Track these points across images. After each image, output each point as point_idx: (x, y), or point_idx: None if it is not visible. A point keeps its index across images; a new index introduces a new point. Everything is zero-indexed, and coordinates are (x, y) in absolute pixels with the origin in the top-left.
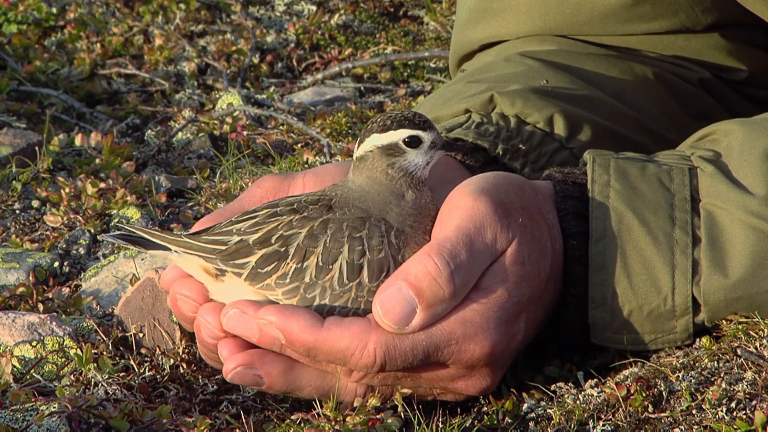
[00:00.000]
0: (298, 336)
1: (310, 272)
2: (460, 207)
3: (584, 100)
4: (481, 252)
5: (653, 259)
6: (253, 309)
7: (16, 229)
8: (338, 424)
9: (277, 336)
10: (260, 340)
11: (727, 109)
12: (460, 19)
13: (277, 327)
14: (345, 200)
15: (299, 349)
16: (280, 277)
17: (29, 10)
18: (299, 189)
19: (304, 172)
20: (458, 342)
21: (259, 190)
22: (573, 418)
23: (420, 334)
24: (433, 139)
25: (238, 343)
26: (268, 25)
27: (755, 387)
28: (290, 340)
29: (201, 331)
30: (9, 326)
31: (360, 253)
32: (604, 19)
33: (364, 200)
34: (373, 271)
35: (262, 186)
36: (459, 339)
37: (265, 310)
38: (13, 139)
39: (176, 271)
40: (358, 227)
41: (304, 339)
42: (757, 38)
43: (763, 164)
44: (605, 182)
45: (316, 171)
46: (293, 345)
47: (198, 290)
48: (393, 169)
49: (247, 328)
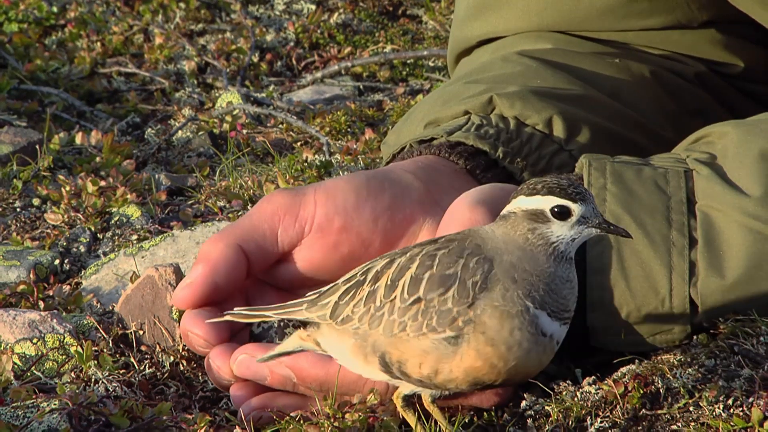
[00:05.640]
0: (309, 372)
1: (380, 293)
2: (458, 219)
3: (582, 100)
4: None
5: (650, 261)
6: (261, 352)
7: (16, 227)
8: (337, 422)
9: (287, 375)
10: (272, 381)
11: (722, 104)
12: (459, 16)
13: (287, 366)
14: (463, 237)
15: (311, 384)
16: (356, 305)
17: (30, 8)
18: (311, 206)
19: (314, 187)
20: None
21: (269, 206)
22: (571, 415)
23: None
24: (584, 214)
25: (250, 386)
26: (267, 24)
27: (752, 384)
28: (301, 376)
29: (212, 373)
30: (10, 324)
31: (427, 267)
32: (601, 15)
33: (485, 241)
34: (433, 283)
35: (273, 202)
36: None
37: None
38: (13, 137)
39: (188, 291)
40: (444, 247)
41: (315, 374)
42: (751, 34)
43: (758, 165)
44: (601, 186)
45: (327, 188)
46: (305, 381)
47: (206, 328)
48: (533, 235)
49: (257, 372)
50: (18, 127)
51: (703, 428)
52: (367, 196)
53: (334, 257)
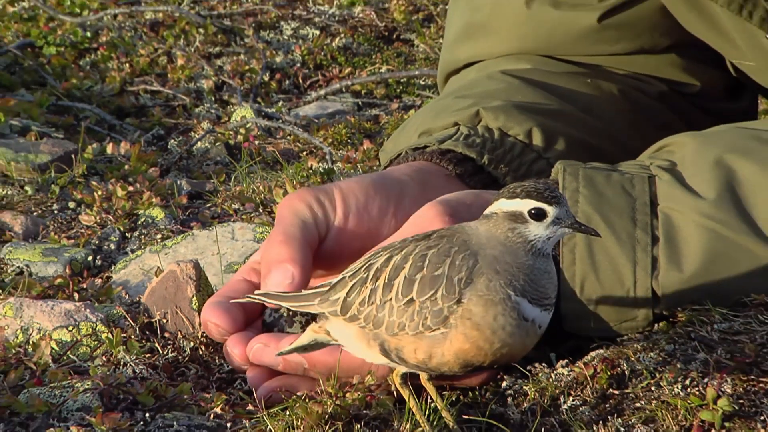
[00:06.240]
0: (319, 358)
1: (380, 292)
2: (418, 214)
3: (558, 114)
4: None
5: (617, 256)
6: (274, 341)
7: (54, 227)
8: (339, 400)
9: (300, 361)
10: (285, 367)
11: (682, 118)
12: (448, 40)
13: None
14: (452, 233)
15: (321, 369)
16: (361, 303)
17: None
18: (333, 204)
19: (332, 187)
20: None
21: (300, 203)
22: (546, 394)
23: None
24: (558, 215)
25: (264, 370)
26: (277, 47)
27: (707, 367)
28: (312, 362)
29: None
30: (48, 313)
31: (418, 268)
32: (575, 41)
33: (470, 237)
34: (424, 285)
35: (303, 200)
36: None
37: (286, 341)
38: (52, 147)
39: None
40: (434, 246)
41: (325, 360)
42: (708, 57)
43: (712, 172)
44: (575, 189)
45: (342, 189)
46: (315, 367)
47: (224, 318)
48: (513, 234)
49: (272, 359)
50: (56, 139)
51: (664, 406)
52: (374, 196)
53: (348, 251)
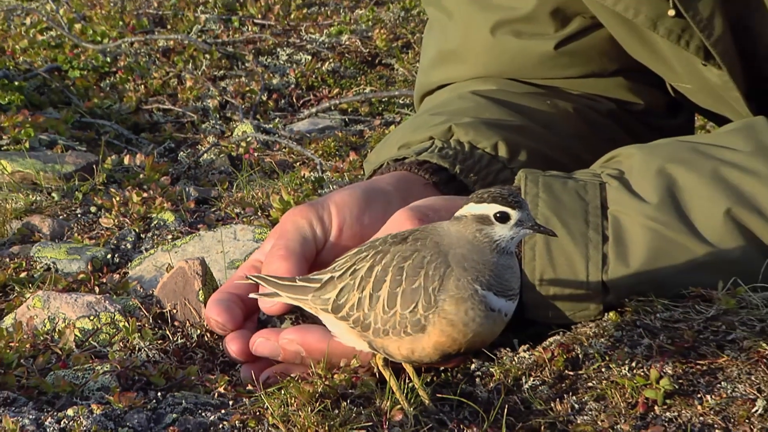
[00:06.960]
0: (316, 345)
1: (366, 303)
2: (392, 219)
3: (521, 130)
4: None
5: (572, 253)
6: (273, 336)
7: (77, 229)
8: (328, 380)
9: (297, 350)
10: (284, 357)
11: (629, 133)
12: (423, 66)
13: (297, 342)
14: (425, 233)
15: (317, 356)
16: (350, 308)
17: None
18: (329, 217)
19: (327, 200)
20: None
21: (300, 218)
22: (510, 375)
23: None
24: (520, 218)
25: (256, 366)
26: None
27: (651, 351)
28: (309, 350)
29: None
30: (72, 304)
31: (398, 282)
32: (534, 66)
33: (442, 237)
34: (405, 299)
35: (303, 215)
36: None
37: (285, 332)
38: (75, 159)
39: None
40: (409, 257)
41: (321, 347)
42: (651, 79)
43: (655, 180)
44: (535, 194)
45: (336, 201)
46: (312, 354)
47: (224, 316)
48: (480, 234)
49: (272, 350)
50: (79, 151)
51: (613, 385)
52: (365, 207)
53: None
